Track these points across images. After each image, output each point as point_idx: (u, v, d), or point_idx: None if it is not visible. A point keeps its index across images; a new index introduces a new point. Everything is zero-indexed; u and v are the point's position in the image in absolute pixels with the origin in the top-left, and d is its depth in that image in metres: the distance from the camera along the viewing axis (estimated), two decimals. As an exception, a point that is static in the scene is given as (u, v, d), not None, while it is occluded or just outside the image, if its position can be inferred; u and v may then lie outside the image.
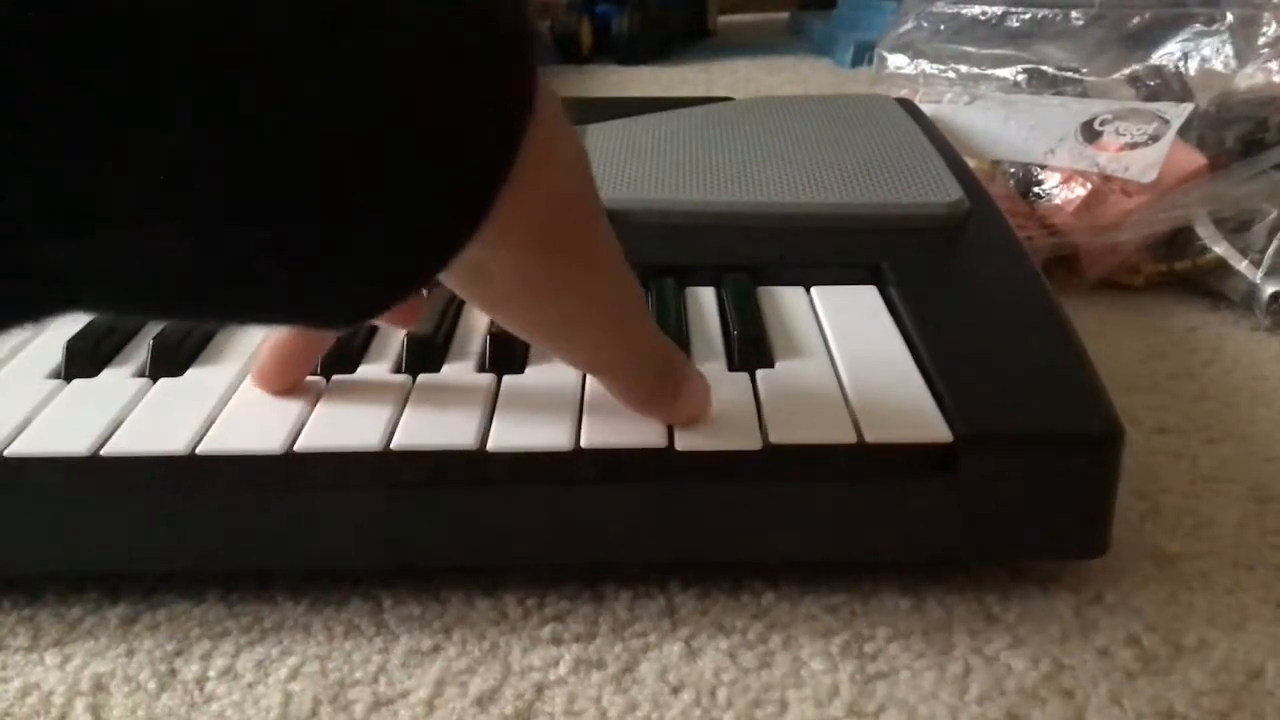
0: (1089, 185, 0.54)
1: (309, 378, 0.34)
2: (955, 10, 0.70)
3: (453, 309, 0.38)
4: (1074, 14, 0.66)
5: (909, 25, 0.73)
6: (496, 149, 0.21)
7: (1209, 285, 0.54)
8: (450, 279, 0.26)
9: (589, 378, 0.33)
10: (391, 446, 0.31)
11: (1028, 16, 0.68)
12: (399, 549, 0.32)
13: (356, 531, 0.32)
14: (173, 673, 0.30)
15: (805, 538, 0.32)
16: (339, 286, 0.20)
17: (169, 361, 0.35)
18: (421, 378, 0.34)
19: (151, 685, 0.30)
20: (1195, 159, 0.54)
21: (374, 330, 0.37)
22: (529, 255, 0.25)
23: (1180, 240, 0.54)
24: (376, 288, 0.21)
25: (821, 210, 0.44)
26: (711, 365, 0.35)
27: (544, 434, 0.31)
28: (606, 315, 0.28)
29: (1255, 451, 0.41)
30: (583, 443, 0.31)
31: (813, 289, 0.40)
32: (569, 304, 0.27)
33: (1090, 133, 0.56)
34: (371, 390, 0.34)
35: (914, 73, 0.70)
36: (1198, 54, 0.61)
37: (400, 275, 0.21)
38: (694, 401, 0.31)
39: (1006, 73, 0.66)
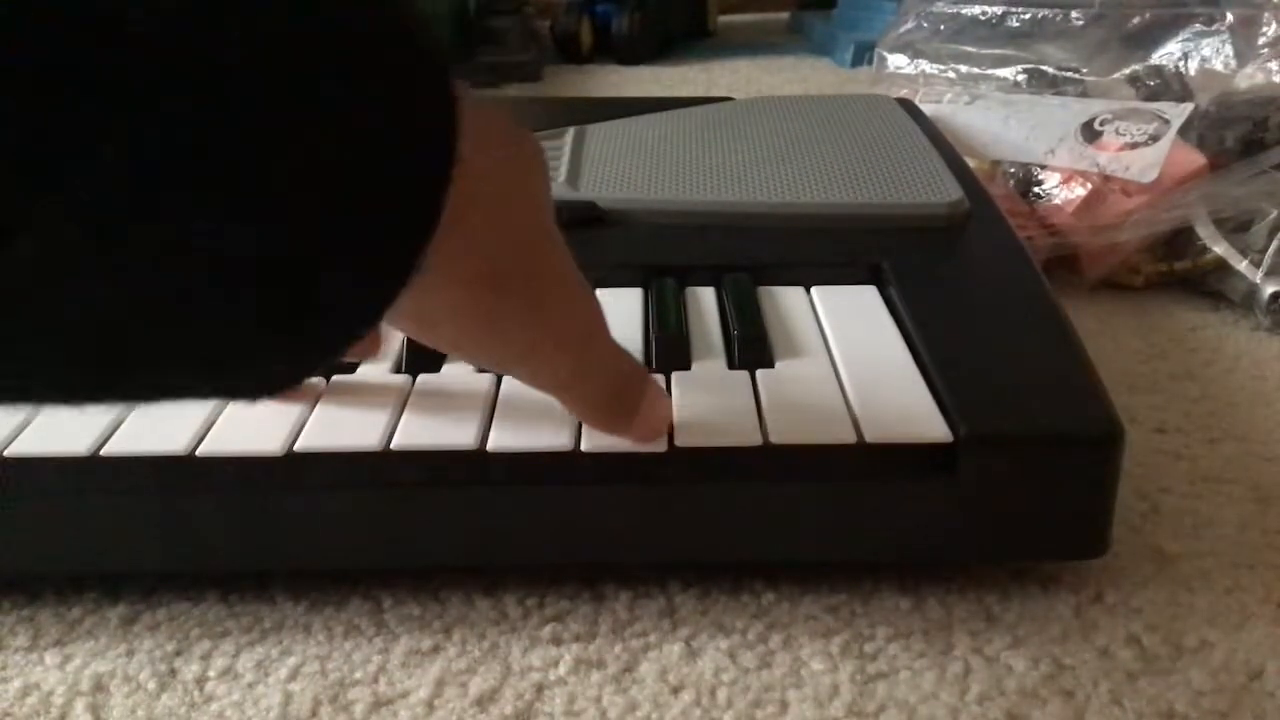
0: (1089, 185, 0.54)
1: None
2: (955, 10, 0.70)
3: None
4: (1074, 14, 0.66)
5: (909, 25, 0.73)
6: (416, 208, 0.20)
7: (1209, 285, 0.54)
8: (400, 326, 0.26)
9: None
10: (391, 446, 0.31)
11: (1028, 16, 0.68)
12: (399, 549, 0.32)
13: (356, 531, 0.32)
14: (173, 673, 0.30)
15: (805, 538, 0.32)
16: (275, 354, 0.20)
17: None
18: (421, 378, 0.34)
19: (151, 685, 0.30)
20: (1195, 159, 0.54)
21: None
22: (471, 298, 0.25)
23: (1180, 240, 0.54)
24: (306, 353, 0.21)
25: (821, 210, 0.44)
26: (711, 365, 0.35)
27: (544, 434, 0.31)
28: (559, 341, 0.28)
29: (1255, 451, 0.41)
30: (583, 443, 0.31)
31: (813, 289, 0.40)
32: (519, 338, 0.27)
33: (1090, 133, 0.56)
34: (371, 390, 0.34)
35: (914, 73, 0.70)
36: (1198, 54, 0.61)
37: (322, 341, 0.21)
38: (652, 419, 0.31)
39: (1006, 73, 0.66)
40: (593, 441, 0.31)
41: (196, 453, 0.31)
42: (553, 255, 0.27)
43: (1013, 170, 0.57)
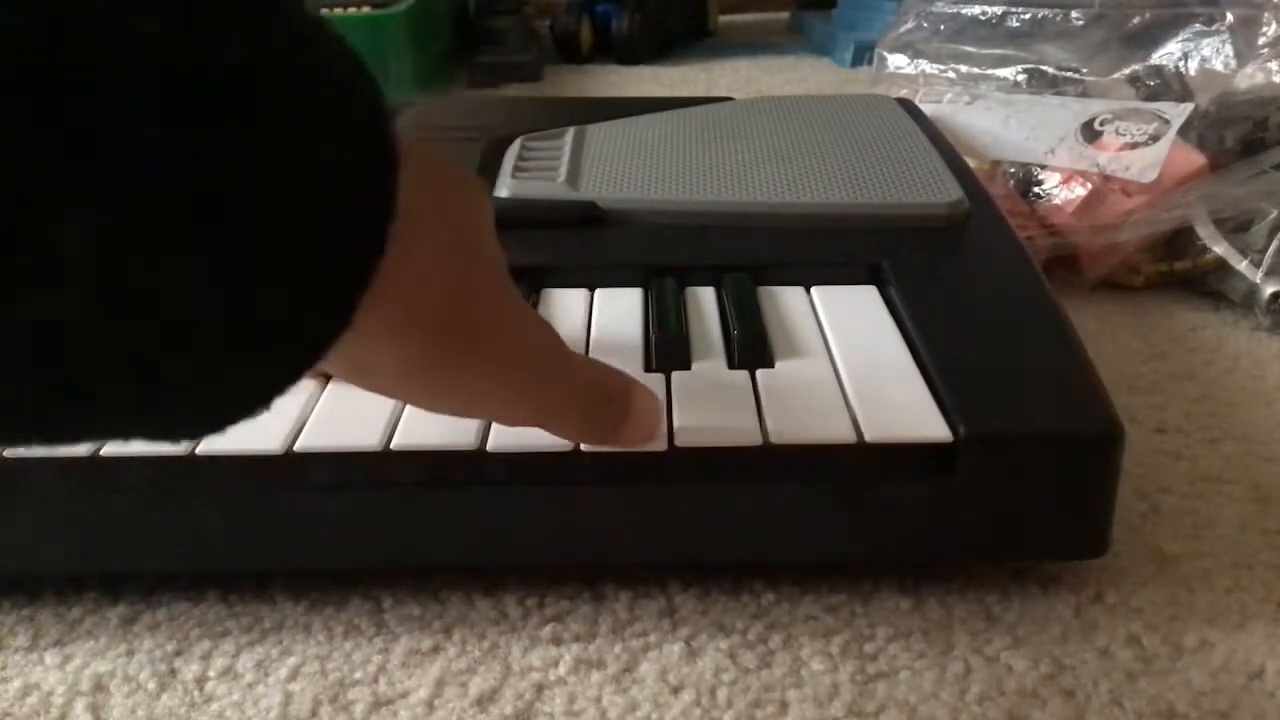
0: (1089, 185, 0.54)
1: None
2: (955, 10, 0.70)
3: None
4: (1074, 14, 0.66)
5: (909, 25, 0.73)
6: (351, 268, 0.19)
7: (1209, 285, 0.54)
8: (337, 372, 0.25)
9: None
10: (391, 446, 0.31)
11: (1028, 16, 0.68)
12: (399, 549, 0.32)
13: (356, 531, 0.32)
14: (173, 673, 0.30)
15: (805, 538, 0.32)
16: (217, 397, 0.19)
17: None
18: (421, 378, 0.34)
19: (151, 685, 0.30)
20: (1195, 159, 0.54)
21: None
22: (417, 352, 0.24)
23: (1180, 240, 0.54)
24: (236, 401, 0.20)
25: (821, 210, 0.44)
26: (711, 365, 0.35)
27: (544, 434, 0.31)
28: (516, 376, 0.27)
29: (1255, 451, 0.41)
30: (582, 443, 0.31)
31: (813, 289, 0.40)
32: (467, 389, 0.26)
33: (1090, 133, 0.56)
34: (371, 390, 0.34)
35: (914, 73, 0.70)
36: (1198, 54, 0.61)
37: (230, 406, 0.20)
38: (641, 425, 0.30)
39: (1007, 73, 0.66)
40: (593, 441, 0.31)
41: (196, 452, 0.31)
42: (496, 305, 0.26)
43: (1013, 170, 0.57)
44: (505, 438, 0.31)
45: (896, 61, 0.72)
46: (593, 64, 1.13)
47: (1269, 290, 0.50)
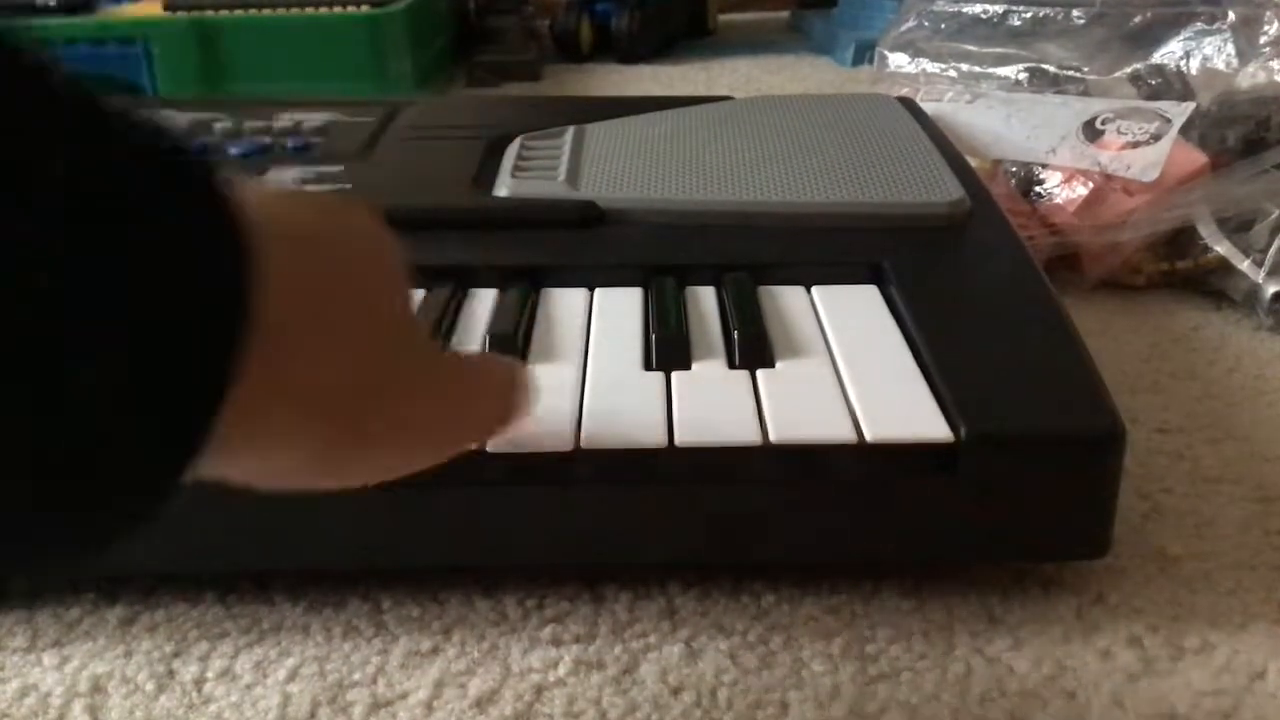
0: (1090, 184, 0.54)
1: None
2: (956, 9, 0.70)
3: (451, 308, 0.38)
4: (1075, 12, 0.66)
5: (910, 24, 0.73)
6: (197, 384, 0.16)
7: (1211, 285, 0.54)
8: (243, 482, 0.22)
9: (589, 378, 0.33)
10: (391, 447, 0.31)
11: (1029, 15, 0.68)
12: (399, 549, 0.32)
13: (357, 531, 0.32)
14: (171, 674, 0.30)
15: (805, 538, 0.32)
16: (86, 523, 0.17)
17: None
18: (421, 378, 0.34)
19: (150, 686, 0.30)
20: (1197, 158, 0.54)
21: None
22: (311, 446, 0.21)
23: (1182, 239, 0.53)
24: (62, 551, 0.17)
25: (822, 210, 0.44)
26: (712, 364, 0.35)
27: (544, 434, 0.31)
28: (431, 429, 0.24)
29: (1257, 451, 0.41)
30: (582, 443, 0.31)
31: (813, 288, 0.40)
32: (384, 454, 0.23)
33: (1092, 132, 0.56)
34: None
35: (915, 71, 0.70)
36: (1199, 53, 0.61)
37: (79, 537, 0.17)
38: (519, 399, 0.26)
39: (1008, 71, 0.66)
40: (593, 441, 0.31)
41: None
42: (405, 368, 0.22)
43: (1014, 169, 0.57)
44: (505, 438, 0.31)
45: (897, 60, 0.72)
46: (593, 63, 1.12)
47: (1271, 290, 0.50)
